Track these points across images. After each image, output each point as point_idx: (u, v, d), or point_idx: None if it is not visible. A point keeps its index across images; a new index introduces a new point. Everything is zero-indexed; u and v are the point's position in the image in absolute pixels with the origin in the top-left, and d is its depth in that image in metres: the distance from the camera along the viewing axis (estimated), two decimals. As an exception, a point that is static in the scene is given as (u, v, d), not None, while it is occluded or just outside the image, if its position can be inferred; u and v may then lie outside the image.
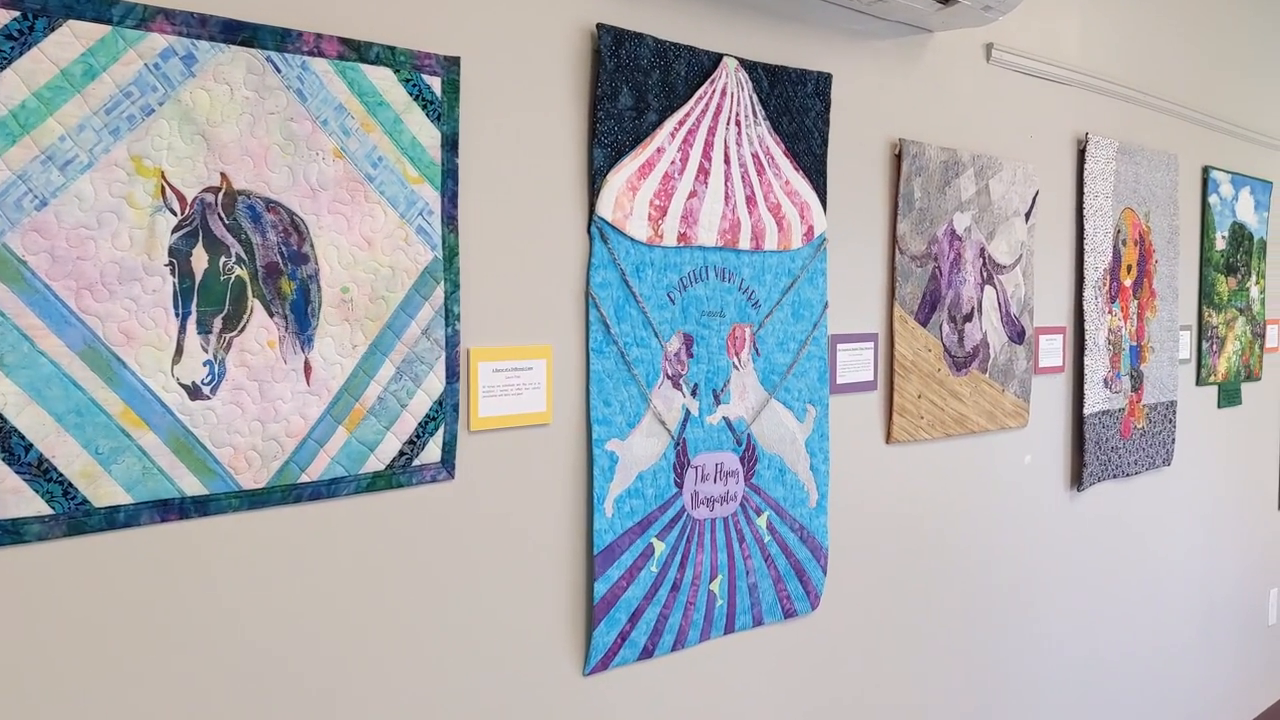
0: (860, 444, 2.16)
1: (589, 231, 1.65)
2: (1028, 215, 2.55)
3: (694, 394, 1.81)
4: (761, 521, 1.93)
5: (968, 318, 2.39)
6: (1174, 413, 3.13)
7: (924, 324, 2.28)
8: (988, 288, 2.44)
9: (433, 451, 1.45)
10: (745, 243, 1.87)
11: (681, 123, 1.76)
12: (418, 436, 1.43)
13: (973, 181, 2.38)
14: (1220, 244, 3.41)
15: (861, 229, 2.14)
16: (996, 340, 2.48)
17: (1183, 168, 3.20)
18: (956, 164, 2.32)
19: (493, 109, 1.52)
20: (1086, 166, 2.73)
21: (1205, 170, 3.31)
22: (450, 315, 1.46)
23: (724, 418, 1.86)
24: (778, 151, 1.93)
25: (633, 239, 1.70)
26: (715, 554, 1.86)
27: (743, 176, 1.86)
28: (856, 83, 2.11)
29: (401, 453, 1.42)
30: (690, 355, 1.80)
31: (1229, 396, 3.52)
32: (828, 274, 2.05)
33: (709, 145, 1.80)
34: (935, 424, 2.32)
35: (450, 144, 1.45)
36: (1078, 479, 2.77)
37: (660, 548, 1.76)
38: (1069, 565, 2.79)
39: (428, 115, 1.42)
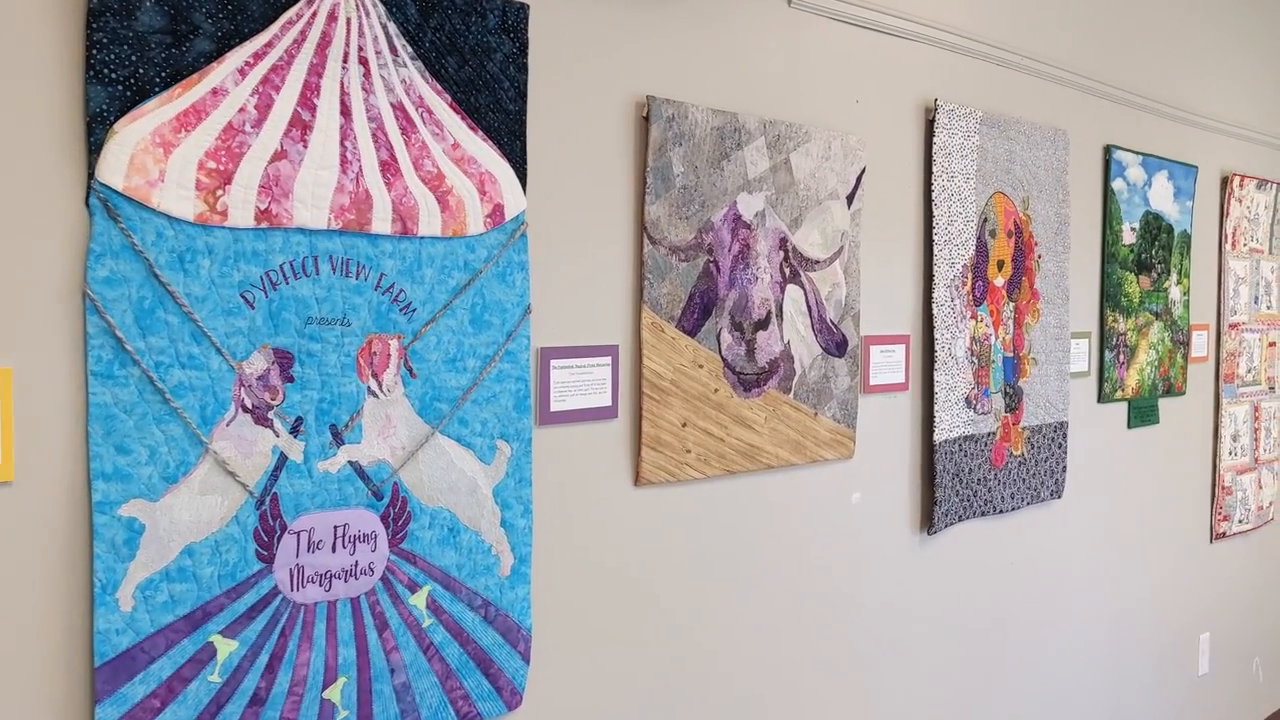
0: (592, 488, 1.67)
1: (87, 205, 1.16)
2: (850, 198, 2.06)
3: (296, 431, 1.32)
4: (419, 599, 1.44)
5: (761, 325, 1.90)
6: (1064, 436, 2.64)
7: (691, 333, 1.79)
8: (792, 287, 1.96)
9: None
10: (383, 225, 1.38)
11: (259, 56, 1.27)
12: None
13: (765, 155, 1.89)
14: (1129, 237, 2.93)
15: (590, 211, 1.65)
16: (805, 353, 1.99)
17: (1077, 146, 2.71)
18: (738, 132, 1.83)
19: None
20: (936, 140, 2.24)
21: (1107, 150, 2.82)
22: None
23: (351, 462, 1.37)
24: (440, 105, 1.44)
25: (170, 216, 1.21)
26: (335, 649, 1.36)
27: (375, 135, 1.37)
28: (577, 17, 1.62)
29: None
30: (288, 379, 1.31)
31: (1142, 414, 3.02)
32: (530, 268, 1.56)
33: (311, 90, 1.31)
34: (711, 459, 1.83)
35: None
36: (929, 519, 2.28)
37: (228, 648, 1.27)
38: (920, 629, 2.29)
39: None
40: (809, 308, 1.99)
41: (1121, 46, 2.87)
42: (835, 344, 2.05)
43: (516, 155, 1.53)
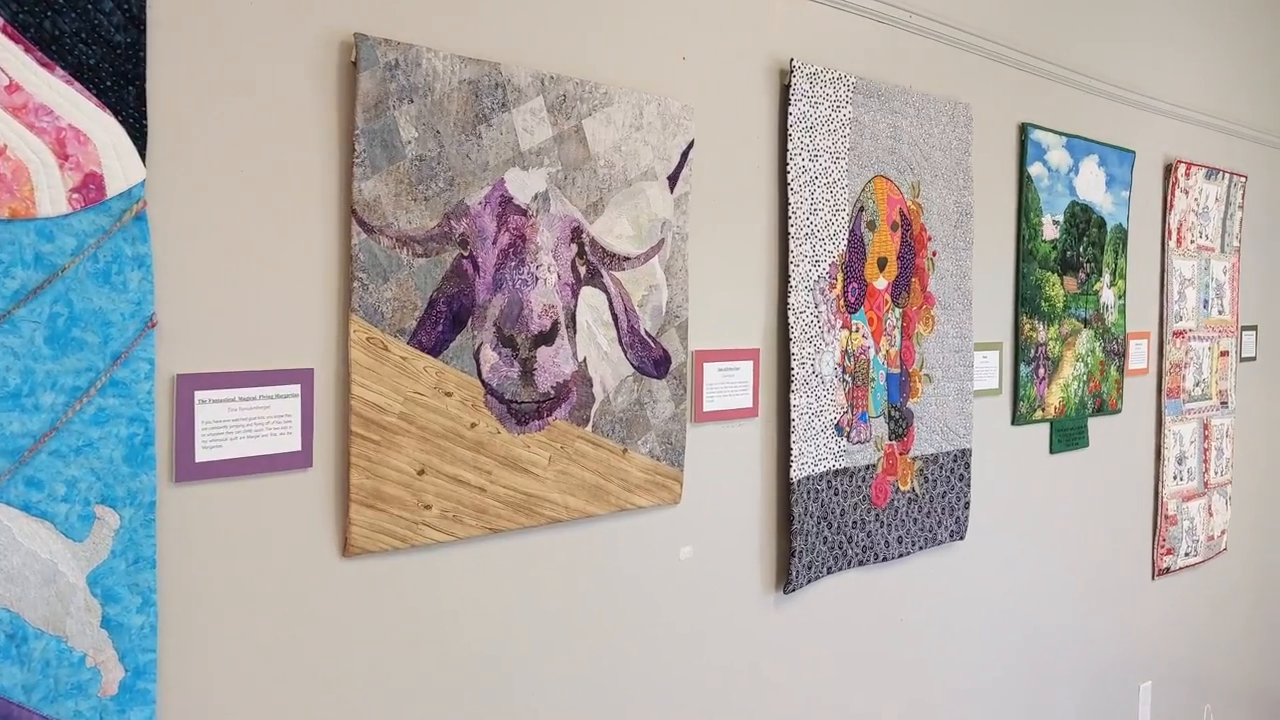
0: (271, 564, 1.23)
1: None
2: (674, 179, 1.63)
3: None
4: (-48, 741, 1.00)
5: (543, 339, 1.47)
6: (966, 466, 2.23)
7: (434, 351, 1.36)
8: (589, 290, 1.53)
9: None
10: (-125, 201, 0.94)
11: None
12: None
13: (544, 120, 1.46)
14: (1051, 231, 2.52)
15: (261, 187, 1.22)
16: (609, 373, 1.56)
17: (985, 124, 2.30)
18: (502, 88, 1.41)
19: None
20: (792, 110, 1.82)
21: (1023, 129, 2.42)
22: None
23: None
24: (-15, 28, 1.01)
25: None
26: None
27: None
28: (241, -75, 1.19)
29: None
30: None
31: (1067, 438, 2.62)
32: (154, 264, 1.13)
33: None
34: (464, 515, 1.40)
35: None
36: (786, 575, 1.85)
37: None
38: (780, 711, 1.86)
39: None
40: (614, 316, 1.56)
41: (1041, 7, 2.46)
42: (652, 361, 1.62)
43: (128, 106, 1.09)
